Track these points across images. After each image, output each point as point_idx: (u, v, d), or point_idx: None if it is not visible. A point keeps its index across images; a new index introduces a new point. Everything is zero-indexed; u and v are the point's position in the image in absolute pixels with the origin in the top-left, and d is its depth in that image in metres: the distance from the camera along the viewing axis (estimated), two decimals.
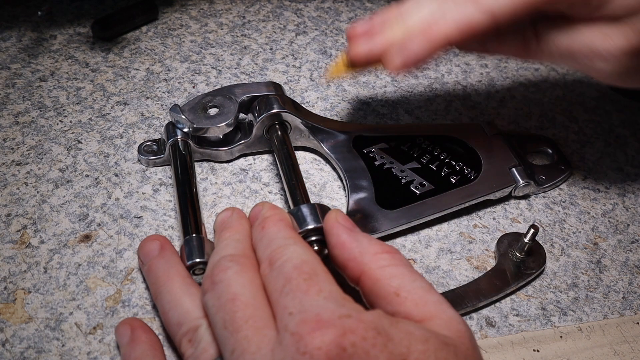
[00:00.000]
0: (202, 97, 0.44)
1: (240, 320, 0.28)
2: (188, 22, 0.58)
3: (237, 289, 0.29)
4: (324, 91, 0.52)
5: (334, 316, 0.26)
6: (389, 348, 0.25)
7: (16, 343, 0.34)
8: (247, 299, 0.29)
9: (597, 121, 0.51)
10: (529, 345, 0.36)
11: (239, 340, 0.27)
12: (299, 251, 0.30)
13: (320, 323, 0.25)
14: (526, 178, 0.43)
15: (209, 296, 0.30)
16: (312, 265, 0.29)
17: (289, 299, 0.27)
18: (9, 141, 0.45)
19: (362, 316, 0.26)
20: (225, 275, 0.30)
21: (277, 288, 0.28)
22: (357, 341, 0.25)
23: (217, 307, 0.29)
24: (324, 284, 0.28)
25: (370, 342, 0.25)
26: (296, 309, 0.27)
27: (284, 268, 0.29)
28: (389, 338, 0.25)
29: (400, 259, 0.31)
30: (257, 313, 0.28)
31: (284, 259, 0.29)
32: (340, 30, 0.58)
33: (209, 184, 0.44)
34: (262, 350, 0.26)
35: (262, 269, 0.30)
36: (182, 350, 0.31)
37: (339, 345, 0.25)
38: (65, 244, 0.39)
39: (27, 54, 0.53)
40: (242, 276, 0.30)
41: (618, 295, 0.40)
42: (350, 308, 0.27)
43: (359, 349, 0.25)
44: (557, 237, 0.43)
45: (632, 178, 0.47)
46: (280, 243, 0.31)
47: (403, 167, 0.44)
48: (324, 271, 0.29)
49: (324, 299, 0.27)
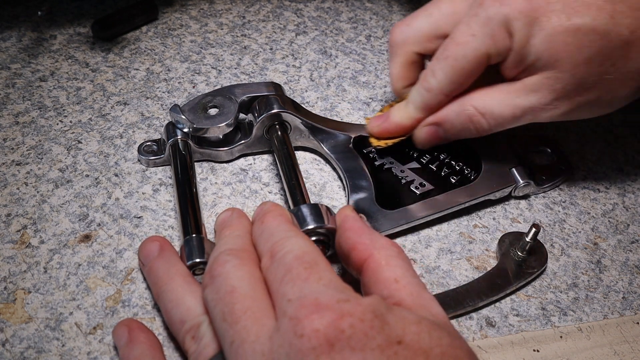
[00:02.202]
0: (202, 97, 0.44)
1: (238, 312, 0.28)
2: (188, 22, 0.58)
3: (235, 282, 0.29)
4: (324, 91, 0.52)
5: (332, 300, 0.26)
6: (386, 331, 0.25)
7: (16, 343, 0.34)
8: (245, 291, 0.29)
9: (597, 121, 0.51)
10: (529, 345, 0.36)
11: (238, 330, 0.27)
12: (300, 243, 0.30)
13: (319, 306, 0.26)
14: (526, 178, 0.43)
15: (208, 290, 0.30)
16: (313, 256, 0.29)
17: (288, 287, 0.28)
18: (9, 141, 0.45)
19: (360, 300, 0.26)
20: (223, 268, 0.30)
21: (278, 278, 0.28)
22: (355, 323, 0.25)
23: (215, 300, 0.29)
24: (324, 272, 0.28)
25: (368, 324, 0.25)
26: (295, 295, 0.27)
27: (285, 259, 0.29)
28: (386, 322, 0.26)
29: (405, 258, 0.32)
30: (256, 304, 0.28)
31: (285, 250, 0.30)
32: (340, 30, 0.58)
33: (209, 184, 0.44)
34: (261, 339, 0.26)
35: (264, 262, 0.30)
36: (185, 348, 0.32)
37: (337, 327, 0.25)
38: (65, 244, 0.39)
39: (27, 54, 0.53)
40: (241, 269, 0.30)
41: (618, 295, 0.40)
42: (349, 294, 0.27)
43: (357, 331, 0.25)
44: (557, 237, 0.43)
45: (632, 178, 0.47)
46: (282, 235, 0.31)
47: (403, 167, 0.44)
48: (325, 262, 0.29)
49: (324, 285, 0.27)
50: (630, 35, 0.35)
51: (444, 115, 0.41)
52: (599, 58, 0.36)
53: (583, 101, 0.38)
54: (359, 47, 0.57)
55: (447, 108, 0.40)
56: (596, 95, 0.38)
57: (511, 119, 0.39)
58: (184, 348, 0.32)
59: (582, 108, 0.38)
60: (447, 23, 0.40)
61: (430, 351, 0.25)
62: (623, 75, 0.37)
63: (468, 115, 0.39)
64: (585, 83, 0.37)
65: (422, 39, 0.41)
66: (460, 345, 0.26)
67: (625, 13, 0.35)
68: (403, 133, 0.43)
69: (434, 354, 0.25)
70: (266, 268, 0.30)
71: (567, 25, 0.35)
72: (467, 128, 0.40)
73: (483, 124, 0.40)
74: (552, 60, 0.36)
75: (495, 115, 0.39)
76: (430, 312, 0.28)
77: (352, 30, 0.59)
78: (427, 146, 0.43)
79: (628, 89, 0.38)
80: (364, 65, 0.55)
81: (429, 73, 0.40)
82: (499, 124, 0.40)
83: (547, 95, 0.37)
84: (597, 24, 0.35)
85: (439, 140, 0.42)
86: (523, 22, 0.36)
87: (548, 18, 0.35)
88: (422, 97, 0.40)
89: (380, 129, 0.43)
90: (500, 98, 0.39)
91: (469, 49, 0.37)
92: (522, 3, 0.35)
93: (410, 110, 0.41)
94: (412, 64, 0.42)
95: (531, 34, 0.36)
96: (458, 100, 0.40)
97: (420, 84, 0.40)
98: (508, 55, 0.37)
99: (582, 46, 0.35)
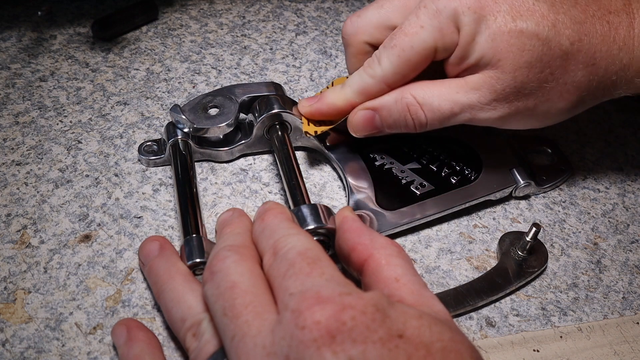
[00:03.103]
0: (203, 97, 0.44)
1: (240, 306, 0.28)
2: (188, 22, 0.58)
3: (235, 277, 0.29)
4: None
5: (334, 293, 0.26)
6: (387, 324, 0.25)
7: (16, 343, 0.34)
8: (246, 287, 0.29)
9: (597, 121, 0.51)
10: (529, 345, 0.36)
11: (240, 325, 0.27)
12: (302, 239, 0.30)
13: (320, 299, 0.26)
14: (527, 178, 0.43)
15: (208, 286, 0.30)
16: (315, 252, 0.29)
17: (291, 281, 0.28)
18: (9, 141, 0.45)
19: (362, 294, 0.26)
20: (223, 264, 0.30)
21: (281, 273, 0.29)
22: (357, 315, 0.25)
23: (216, 296, 0.29)
24: (326, 268, 0.28)
25: (369, 317, 0.25)
26: (297, 289, 0.27)
27: (288, 255, 0.29)
28: (387, 315, 0.26)
29: (406, 257, 0.32)
30: (257, 299, 0.28)
31: (288, 247, 0.30)
32: (340, 30, 0.58)
33: (209, 184, 0.44)
34: (263, 333, 0.26)
35: (266, 260, 0.30)
36: (186, 346, 0.32)
37: (339, 319, 0.25)
38: (65, 244, 0.39)
39: (27, 54, 0.53)
40: (241, 265, 0.30)
41: (618, 295, 0.40)
42: (351, 288, 0.27)
43: (358, 323, 0.25)
44: (557, 237, 0.43)
45: (632, 178, 0.47)
46: (283, 233, 0.31)
47: (403, 168, 0.44)
48: (327, 258, 0.29)
49: (326, 280, 0.27)
50: (570, 47, 0.36)
51: (382, 102, 0.40)
52: (540, 64, 0.36)
53: (521, 107, 0.38)
54: None
55: (386, 95, 0.40)
56: (534, 103, 0.38)
57: (449, 114, 0.39)
58: (185, 346, 0.32)
59: (520, 115, 0.39)
60: (397, 15, 0.40)
61: (431, 345, 0.25)
62: (561, 86, 0.37)
63: (407, 104, 0.39)
64: (525, 88, 0.37)
65: (372, 29, 0.41)
66: (461, 340, 0.26)
67: (566, 24, 0.36)
68: (335, 116, 0.42)
69: (435, 348, 0.25)
70: (269, 265, 0.30)
71: (511, 26, 0.36)
72: (405, 118, 0.40)
73: (420, 116, 0.39)
74: (495, 60, 0.36)
75: (433, 108, 0.39)
76: (432, 309, 0.28)
77: None
78: (361, 134, 0.41)
79: (565, 102, 0.38)
80: None
81: (375, 60, 0.39)
82: (436, 119, 0.39)
83: (487, 94, 0.38)
84: (539, 30, 0.36)
85: (373, 128, 0.41)
86: (471, 18, 0.36)
87: (495, 17, 0.36)
88: (363, 82, 0.40)
89: (311, 109, 0.42)
90: (441, 92, 0.38)
91: (417, 40, 0.37)
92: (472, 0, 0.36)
93: (347, 93, 0.40)
94: (365, 54, 0.42)
95: (477, 31, 0.36)
96: (398, 89, 0.39)
97: (364, 69, 0.40)
98: (453, 51, 0.37)
99: (524, 49, 0.36)
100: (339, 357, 0.24)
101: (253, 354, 0.26)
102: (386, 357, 0.24)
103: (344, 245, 0.33)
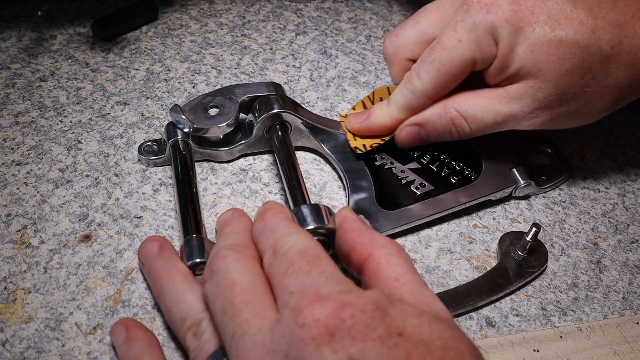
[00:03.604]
0: (203, 97, 0.44)
1: (239, 305, 0.28)
2: (188, 22, 0.58)
3: (235, 276, 0.29)
4: (324, 91, 0.52)
5: (334, 291, 0.26)
6: (387, 322, 0.25)
7: (16, 343, 0.34)
8: (246, 285, 0.29)
9: (597, 121, 0.51)
10: (529, 345, 0.36)
11: (239, 323, 0.27)
12: (302, 238, 0.30)
13: (320, 297, 0.26)
14: (527, 178, 0.43)
15: (208, 285, 0.30)
16: (315, 251, 0.29)
17: (291, 279, 0.28)
18: (9, 141, 0.45)
19: (362, 293, 0.26)
20: (223, 263, 0.30)
21: (280, 272, 0.29)
22: (357, 313, 0.25)
23: (216, 295, 0.29)
24: (326, 266, 0.28)
25: (369, 315, 0.25)
26: (297, 287, 0.27)
27: (288, 254, 0.29)
28: (387, 313, 0.26)
29: (405, 256, 0.32)
30: (257, 298, 0.28)
31: (288, 246, 0.30)
32: (340, 30, 0.58)
33: (209, 184, 0.44)
34: (262, 331, 0.27)
35: (266, 259, 0.30)
36: (186, 345, 0.32)
37: (338, 317, 0.25)
38: (65, 244, 0.39)
39: (27, 54, 0.53)
40: (241, 264, 0.30)
41: (618, 295, 0.40)
42: (350, 287, 0.27)
43: (358, 321, 0.25)
44: (557, 237, 0.43)
45: (632, 178, 0.47)
46: (283, 232, 0.31)
47: (403, 168, 0.44)
48: (327, 257, 0.29)
49: (326, 278, 0.27)
50: (611, 51, 0.36)
51: (427, 117, 0.41)
52: (580, 71, 0.36)
53: (563, 112, 0.39)
54: (359, 47, 0.57)
55: (430, 109, 0.41)
56: (576, 106, 0.38)
57: (492, 124, 0.40)
58: (185, 345, 0.32)
59: (562, 118, 0.39)
60: (435, 28, 0.41)
61: (431, 343, 0.25)
62: (602, 88, 0.38)
63: (451, 118, 0.40)
64: (567, 94, 0.37)
65: (412, 46, 0.42)
66: (461, 338, 0.26)
67: (606, 29, 0.36)
68: (384, 133, 0.43)
69: (434, 346, 0.25)
70: (269, 264, 0.30)
71: (550, 36, 0.36)
72: (449, 130, 0.41)
73: (465, 128, 0.40)
74: (535, 70, 0.37)
75: (477, 120, 0.40)
76: (432, 308, 0.28)
77: (352, 30, 0.59)
78: (407, 146, 0.43)
79: (606, 102, 0.39)
80: (364, 65, 0.55)
81: (414, 75, 0.40)
82: (480, 129, 0.40)
83: (529, 103, 0.38)
84: (579, 37, 0.36)
85: (420, 141, 0.43)
86: (508, 31, 0.36)
87: (533, 28, 0.36)
88: (406, 99, 0.41)
89: (361, 126, 0.43)
90: (483, 103, 0.39)
91: (456, 54, 0.38)
92: (508, 12, 0.36)
93: (393, 111, 0.42)
94: (408, 70, 0.43)
95: (516, 42, 0.37)
96: (441, 102, 0.41)
97: (405, 85, 0.41)
98: (492, 62, 0.38)
99: (564, 58, 0.36)
100: (339, 355, 0.24)
101: (253, 352, 0.26)
102: (386, 355, 0.24)
103: (344, 245, 0.33)
